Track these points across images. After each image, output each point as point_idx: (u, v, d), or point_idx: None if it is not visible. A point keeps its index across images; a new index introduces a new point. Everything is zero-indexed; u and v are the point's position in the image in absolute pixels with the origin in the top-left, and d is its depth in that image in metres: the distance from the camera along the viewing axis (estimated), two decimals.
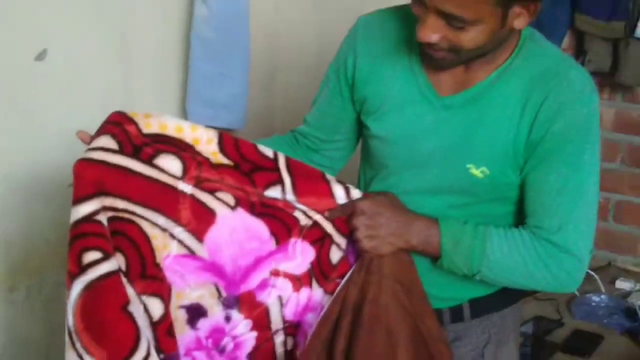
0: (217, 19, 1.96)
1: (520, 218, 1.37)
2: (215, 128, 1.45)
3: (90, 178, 1.21)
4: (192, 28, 1.98)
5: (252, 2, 2.00)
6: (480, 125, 1.32)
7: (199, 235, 1.32)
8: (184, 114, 2.03)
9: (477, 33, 1.17)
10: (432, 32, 1.16)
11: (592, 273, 2.70)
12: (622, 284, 2.69)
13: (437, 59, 1.23)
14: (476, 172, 1.33)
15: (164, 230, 1.30)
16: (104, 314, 1.23)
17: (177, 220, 1.30)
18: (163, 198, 1.29)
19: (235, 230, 1.35)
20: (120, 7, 1.83)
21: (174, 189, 1.28)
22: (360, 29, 1.44)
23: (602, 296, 2.61)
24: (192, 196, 1.30)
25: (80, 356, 1.22)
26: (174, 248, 1.32)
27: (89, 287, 1.22)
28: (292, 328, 1.43)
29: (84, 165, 1.21)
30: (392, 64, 1.40)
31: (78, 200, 1.20)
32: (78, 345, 1.22)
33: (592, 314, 2.50)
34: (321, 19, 2.39)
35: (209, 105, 2.03)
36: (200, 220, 1.32)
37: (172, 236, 1.31)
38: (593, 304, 2.57)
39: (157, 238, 1.30)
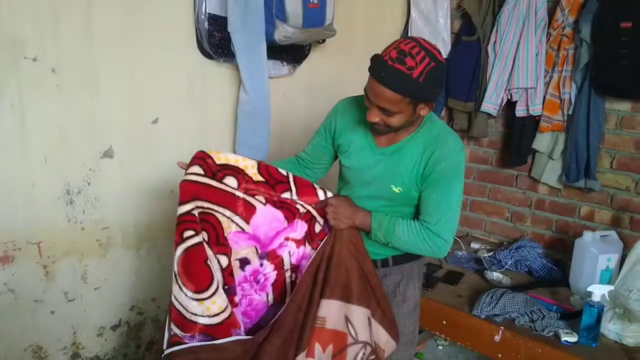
0: (252, 101, 2.50)
1: (416, 215, 1.82)
2: (253, 159, 1.98)
3: (188, 190, 1.61)
4: (239, 106, 2.54)
5: (271, 91, 2.57)
6: (399, 164, 1.75)
7: (247, 220, 1.74)
8: (234, 153, 2.14)
9: (399, 118, 1.61)
10: (374, 117, 1.62)
11: (458, 239, 3.31)
12: (474, 245, 3.34)
13: (378, 130, 1.69)
14: (395, 189, 1.76)
15: (228, 217, 1.71)
16: (194, 265, 1.60)
17: (235, 212, 1.72)
18: (228, 200, 1.69)
19: (266, 216, 1.75)
20: (202, 94, 2.48)
21: (233, 195, 1.70)
22: (340, 107, 1.89)
23: (464, 252, 3.19)
24: (243, 199, 1.73)
25: (180, 288, 1.61)
26: (233, 227, 1.73)
27: (186, 250, 1.58)
28: (295, 268, 1.85)
29: (185, 184, 1.62)
30: (356, 129, 1.83)
31: (182, 203, 1.59)
32: (179, 281, 1.61)
33: (458, 261, 3.08)
34: (310, 102, 2.91)
35: (247, 147, 2.58)
36: (248, 211, 1.73)
37: (232, 221, 1.72)
38: (459, 256, 3.14)
39: (224, 222, 1.71)
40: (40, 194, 2.08)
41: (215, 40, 2.40)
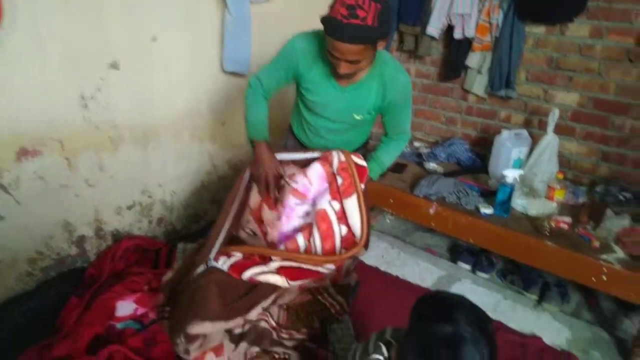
0: (235, 22, 2.46)
1: (369, 126, 1.98)
2: (239, 74, 2.42)
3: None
4: (224, 26, 2.46)
5: (253, 15, 2.51)
6: (359, 99, 1.79)
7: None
8: (221, 66, 2.55)
9: (366, 62, 1.60)
10: (345, 70, 1.59)
11: None
12: (416, 144, 3.35)
13: (345, 76, 1.65)
14: (357, 117, 1.84)
15: None
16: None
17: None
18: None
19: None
20: (194, 15, 2.37)
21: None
22: (297, 46, 1.73)
23: (408, 149, 3.18)
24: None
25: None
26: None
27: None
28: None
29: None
30: (318, 67, 1.73)
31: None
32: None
33: (403, 156, 3.04)
34: (285, 26, 2.45)
35: (232, 62, 2.54)
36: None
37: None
38: (404, 152, 3.06)
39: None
40: (59, 99, 2.01)
41: None
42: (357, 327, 1.90)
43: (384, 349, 1.14)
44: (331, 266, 1.78)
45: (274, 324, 1.75)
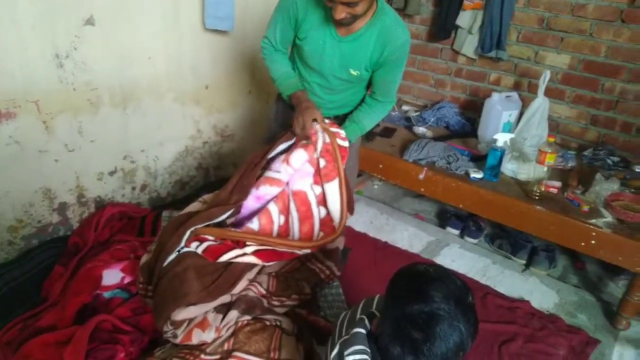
0: None
1: (364, 86, 1.90)
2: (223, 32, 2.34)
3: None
4: None
5: None
6: (358, 51, 1.71)
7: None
8: (203, 23, 2.45)
9: (362, 5, 1.52)
10: (341, 14, 1.51)
11: None
12: (405, 107, 3.31)
13: (342, 22, 1.59)
14: (353, 72, 1.77)
15: None
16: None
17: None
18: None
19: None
20: None
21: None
22: None
23: (396, 112, 3.20)
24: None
25: None
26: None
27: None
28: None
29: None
30: (316, 16, 1.68)
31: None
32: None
33: (392, 120, 3.09)
34: None
35: (215, 19, 2.46)
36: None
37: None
38: (392, 115, 3.13)
39: None
40: (33, 58, 1.91)
41: None
42: (347, 292, 1.93)
43: (366, 322, 1.13)
44: (307, 250, 1.74)
45: (263, 291, 1.73)
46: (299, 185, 1.79)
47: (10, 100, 1.89)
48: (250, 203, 1.77)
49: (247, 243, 1.67)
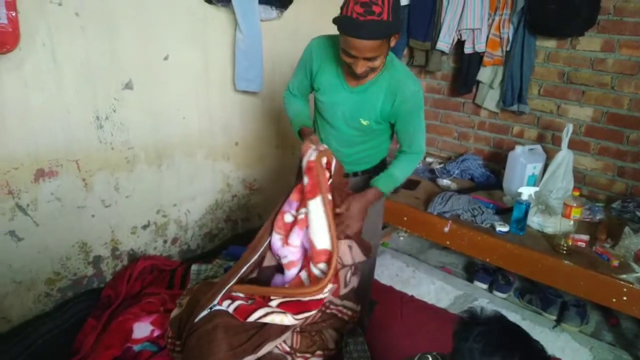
0: (246, 39, 2.46)
1: (382, 140, 1.86)
2: (252, 92, 2.43)
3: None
4: (236, 44, 2.48)
5: (263, 33, 2.52)
6: (366, 102, 1.72)
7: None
8: (233, 85, 2.56)
9: (381, 59, 1.55)
10: (362, 68, 1.54)
11: None
12: (429, 159, 3.35)
13: (360, 76, 1.58)
14: (363, 122, 1.75)
15: None
16: None
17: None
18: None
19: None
20: (204, 34, 2.38)
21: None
22: (314, 47, 1.77)
23: (420, 164, 3.10)
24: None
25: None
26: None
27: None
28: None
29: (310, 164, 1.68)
30: (329, 68, 1.73)
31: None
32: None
33: (416, 172, 3.00)
34: (296, 42, 2.36)
35: (245, 81, 2.55)
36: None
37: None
38: (418, 167, 2.87)
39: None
40: (75, 120, 2.03)
41: None
42: (372, 346, 1.89)
43: None
44: (329, 286, 1.68)
45: (287, 348, 1.73)
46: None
47: (53, 160, 2.01)
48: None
49: (272, 297, 1.68)
